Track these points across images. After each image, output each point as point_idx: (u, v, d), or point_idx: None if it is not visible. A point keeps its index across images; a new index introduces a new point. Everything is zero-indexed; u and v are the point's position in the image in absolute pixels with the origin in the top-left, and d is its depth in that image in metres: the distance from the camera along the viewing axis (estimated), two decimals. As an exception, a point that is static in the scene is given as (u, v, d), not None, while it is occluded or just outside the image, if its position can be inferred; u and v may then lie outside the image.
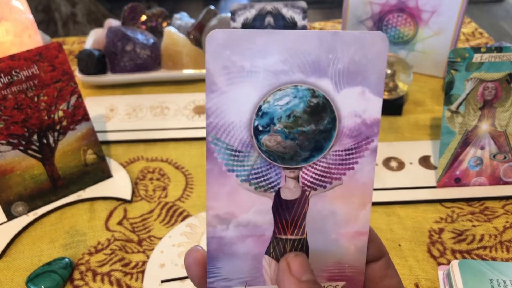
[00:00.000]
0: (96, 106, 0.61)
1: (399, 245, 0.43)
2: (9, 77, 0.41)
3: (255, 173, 0.20)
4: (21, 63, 0.41)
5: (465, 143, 0.47)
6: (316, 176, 0.21)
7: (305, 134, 0.20)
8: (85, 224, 0.46)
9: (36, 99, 0.43)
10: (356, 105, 0.20)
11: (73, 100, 0.45)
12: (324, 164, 0.21)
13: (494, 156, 0.48)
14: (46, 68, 0.43)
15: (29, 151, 0.44)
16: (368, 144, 0.21)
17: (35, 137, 0.44)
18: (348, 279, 0.23)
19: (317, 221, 0.21)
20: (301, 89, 0.20)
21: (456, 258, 0.42)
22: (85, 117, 0.47)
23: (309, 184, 0.21)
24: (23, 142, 0.44)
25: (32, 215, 0.46)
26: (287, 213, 0.21)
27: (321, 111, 0.20)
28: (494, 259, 0.42)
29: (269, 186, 0.21)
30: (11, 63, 0.41)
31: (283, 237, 0.21)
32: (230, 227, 0.21)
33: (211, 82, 0.19)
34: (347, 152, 0.21)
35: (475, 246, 0.43)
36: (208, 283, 0.21)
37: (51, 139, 0.45)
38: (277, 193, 0.21)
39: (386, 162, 0.52)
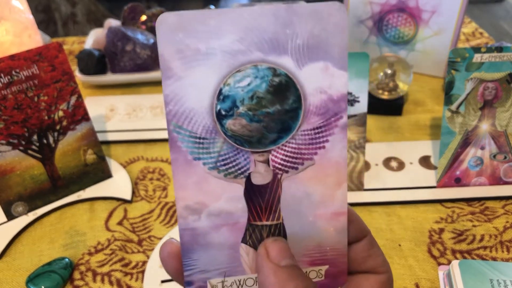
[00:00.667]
0: (96, 106, 0.61)
1: (399, 245, 0.43)
2: (9, 77, 0.41)
3: (222, 160, 0.20)
4: (21, 63, 0.41)
5: (465, 143, 0.47)
6: (287, 158, 0.20)
7: (270, 115, 0.19)
8: (85, 224, 0.45)
9: (36, 99, 0.43)
10: (320, 81, 0.19)
11: (73, 100, 0.45)
12: (293, 145, 0.20)
13: (494, 156, 0.47)
14: (46, 68, 0.42)
15: (29, 151, 0.44)
16: (337, 121, 0.20)
17: (35, 137, 0.44)
18: (331, 262, 0.22)
19: (292, 205, 0.21)
20: (261, 68, 0.19)
21: (456, 258, 0.42)
22: (85, 117, 0.47)
23: (280, 166, 0.20)
24: (23, 142, 0.44)
25: (32, 215, 0.46)
26: (260, 199, 0.21)
27: (284, 90, 0.19)
28: (494, 259, 0.42)
29: (239, 172, 0.20)
30: (11, 63, 0.41)
31: (259, 223, 0.21)
32: (202, 217, 0.20)
33: (166, 68, 0.19)
34: (316, 131, 0.20)
35: (475, 246, 0.43)
36: (185, 277, 0.21)
37: (51, 139, 0.45)
38: (248, 179, 0.20)
39: (386, 162, 0.52)
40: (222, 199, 0.20)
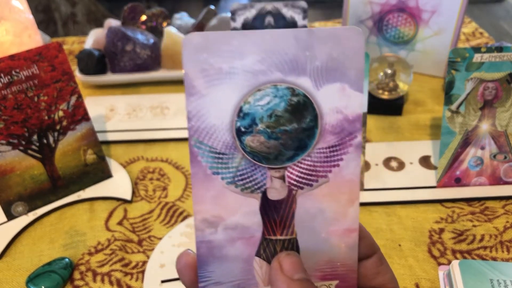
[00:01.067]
0: (96, 106, 0.61)
1: (399, 245, 0.43)
2: (9, 77, 0.41)
3: (240, 175, 0.21)
4: (21, 63, 0.41)
5: (465, 143, 0.47)
6: (302, 175, 0.21)
7: (288, 133, 0.20)
8: (85, 224, 0.45)
9: (36, 99, 0.43)
10: (337, 101, 0.20)
11: (73, 100, 0.45)
12: (309, 162, 0.21)
13: (494, 156, 0.47)
14: (46, 68, 0.42)
15: (29, 151, 0.44)
16: (351, 140, 0.21)
17: (35, 137, 0.44)
18: (341, 277, 0.23)
19: (306, 220, 0.21)
20: (280, 88, 0.20)
21: (456, 258, 0.42)
22: (85, 117, 0.47)
23: (295, 183, 0.21)
24: (23, 142, 0.44)
25: (32, 215, 0.46)
26: (275, 214, 0.21)
27: (302, 109, 0.20)
28: (494, 259, 0.42)
29: (255, 187, 0.21)
30: (11, 63, 0.41)
31: (273, 237, 0.21)
32: (218, 230, 0.21)
33: (190, 86, 0.19)
34: (331, 149, 0.21)
35: (475, 246, 0.43)
36: None
37: (51, 139, 0.45)
38: (264, 194, 0.21)
39: (386, 162, 0.52)
40: (238, 213, 0.21)
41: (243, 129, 0.20)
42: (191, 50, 0.19)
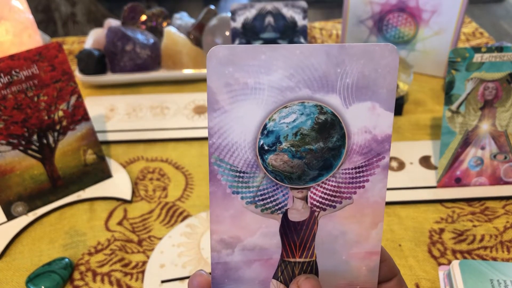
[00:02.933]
0: (96, 106, 0.61)
1: (400, 245, 0.43)
2: (9, 77, 0.41)
3: (261, 195, 0.20)
4: (20, 63, 0.41)
5: (465, 143, 0.47)
6: (325, 196, 0.20)
7: (313, 152, 0.19)
8: (85, 224, 0.45)
9: (36, 99, 0.43)
10: (366, 120, 0.19)
11: (73, 100, 0.45)
12: (333, 183, 0.20)
13: (494, 156, 0.47)
14: (46, 68, 0.42)
15: (29, 151, 0.44)
16: (379, 161, 0.20)
17: (35, 137, 0.44)
18: None
19: (327, 243, 0.21)
20: (308, 105, 0.19)
21: (456, 258, 0.42)
22: (85, 117, 0.47)
23: (318, 204, 0.20)
24: (23, 142, 0.44)
25: (32, 215, 0.46)
26: (296, 235, 0.20)
27: (329, 128, 0.19)
28: (494, 259, 0.42)
29: (276, 207, 0.20)
30: (11, 63, 0.41)
31: (292, 260, 0.21)
32: (235, 252, 0.20)
33: (213, 101, 0.19)
34: (357, 170, 0.20)
35: (475, 246, 0.43)
36: None
37: (51, 139, 0.45)
38: (285, 215, 0.20)
39: (387, 162, 0.52)
40: (257, 234, 0.20)
41: (266, 147, 0.19)
42: (216, 63, 0.18)
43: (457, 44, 0.65)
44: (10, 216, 0.45)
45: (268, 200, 0.20)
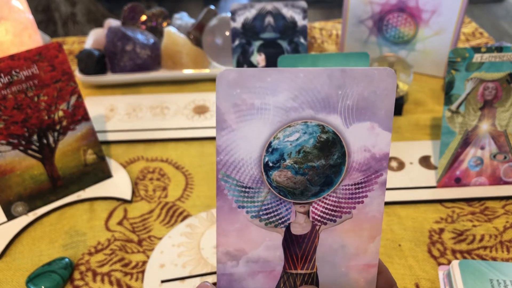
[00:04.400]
0: (96, 106, 0.61)
1: (399, 245, 0.43)
2: (9, 77, 0.41)
3: (265, 209, 0.21)
4: (21, 63, 0.41)
5: (465, 143, 0.47)
6: (326, 211, 0.21)
7: (315, 169, 0.20)
8: (85, 224, 0.45)
9: (36, 99, 0.43)
10: (365, 139, 0.21)
11: (73, 100, 0.45)
12: (334, 199, 0.21)
13: (494, 156, 0.47)
14: (46, 68, 0.42)
15: (29, 151, 0.44)
16: (377, 178, 0.21)
17: (35, 137, 0.44)
18: None
19: (327, 255, 0.22)
20: (310, 125, 0.20)
21: (456, 258, 0.42)
22: (85, 117, 0.47)
23: (319, 218, 0.21)
24: (23, 142, 0.44)
25: (32, 215, 0.46)
26: (298, 248, 0.21)
27: (331, 146, 0.20)
28: (494, 259, 0.42)
29: (280, 221, 0.21)
30: (11, 63, 0.41)
31: (294, 271, 0.22)
32: (240, 264, 0.21)
33: (221, 120, 0.19)
34: (356, 186, 0.21)
35: (475, 246, 0.43)
36: None
37: (51, 139, 0.45)
38: (287, 229, 0.21)
39: (386, 162, 0.52)
40: (261, 247, 0.21)
41: (271, 164, 0.20)
42: (225, 85, 0.19)
43: (457, 44, 0.65)
44: (10, 216, 0.45)
45: (272, 215, 0.21)
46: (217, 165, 0.20)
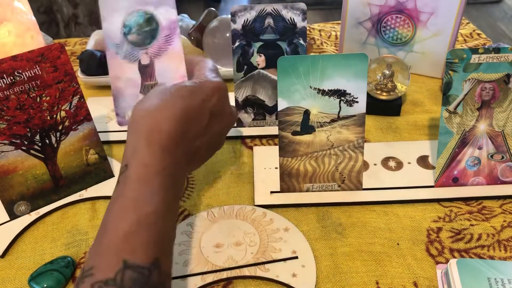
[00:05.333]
0: (98, 106, 0.62)
1: (398, 244, 0.44)
2: (11, 77, 0.41)
3: (128, 53, 0.38)
4: (23, 64, 0.42)
5: (463, 143, 0.47)
6: (155, 50, 0.38)
7: (146, 32, 0.37)
8: (87, 223, 0.46)
9: (38, 99, 0.43)
10: (166, 16, 0.38)
11: (75, 100, 0.46)
12: (158, 44, 0.38)
13: (491, 156, 0.48)
14: (48, 69, 0.43)
15: (32, 151, 0.45)
16: (175, 33, 0.38)
17: (37, 137, 0.45)
18: None
19: (160, 74, 0.38)
20: (140, 11, 0.37)
21: (454, 257, 0.42)
22: (87, 117, 0.47)
23: (153, 54, 0.38)
24: (26, 142, 0.44)
25: (34, 215, 0.46)
26: (146, 70, 0.39)
27: (151, 20, 0.37)
28: (492, 258, 0.42)
29: (135, 58, 0.38)
30: (14, 63, 0.41)
31: (147, 83, 0.39)
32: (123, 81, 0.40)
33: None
34: (166, 38, 0.38)
35: (473, 245, 0.43)
36: None
37: (53, 139, 0.46)
38: (139, 61, 0.38)
39: (385, 162, 0.52)
40: (130, 72, 0.39)
41: (126, 32, 0.37)
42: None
43: (454, 45, 0.65)
44: (13, 215, 0.46)
45: (131, 55, 0.38)
46: (104, 33, 0.37)
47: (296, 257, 0.41)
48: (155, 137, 0.32)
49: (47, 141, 0.45)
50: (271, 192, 0.48)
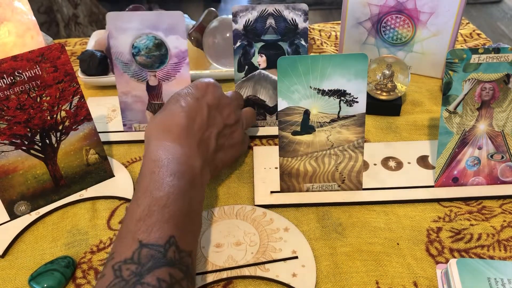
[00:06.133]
0: (98, 106, 0.62)
1: (398, 244, 0.44)
2: (11, 77, 0.41)
3: (136, 73, 0.42)
4: (23, 64, 0.42)
5: (462, 143, 0.47)
6: (164, 74, 0.42)
7: (155, 56, 0.42)
8: (87, 223, 0.46)
9: (38, 99, 0.43)
10: (174, 44, 0.44)
11: (75, 100, 0.46)
12: (166, 69, 0.41)
13: (491, 156, 0.48)
14: (49, 69, 0.43)
15: (32, 151, 0.45)
16: (184, 61, 0.44)
17: (37, 137, 0.45)
18: None
19: (166, 97, 0.44)
20: (150, 36, 0.42)
21: (454, 257, 0.42)
22: (87, 118, 0.47)
23: (161, 78, 0.42)
24: (26, 142, 0.44)
25: (34, 215, 0.46)
26: (153, 91, 0.44)
27: (160, 45, 0.43)
28: (491, 258, 0.42)
29: (143, 79, 0.41)
30: (14, 64, 0.41)
31: (154, 102, 0.46)
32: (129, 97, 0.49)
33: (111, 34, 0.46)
34: (174, 65, 0.43)
35: (473, 245, 0.43)
36: None
37: (53, 139, 0.46)
38: (147, 82, 0.42)
39: (385, 162, 0.52)
40: (137, 90, 0.45)
41: (135, 53, 0.41)
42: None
43: (454, 45, 0.65)
44: (13, 215, 0.46)
45: (140, 75, 0.42)
46: (112, 51, 0.43)
47: (296, 257, 0.41)
48: (160, 136, 0.39)
49: (47, 141, 0.45)
50: (271, 192, 0.49)
